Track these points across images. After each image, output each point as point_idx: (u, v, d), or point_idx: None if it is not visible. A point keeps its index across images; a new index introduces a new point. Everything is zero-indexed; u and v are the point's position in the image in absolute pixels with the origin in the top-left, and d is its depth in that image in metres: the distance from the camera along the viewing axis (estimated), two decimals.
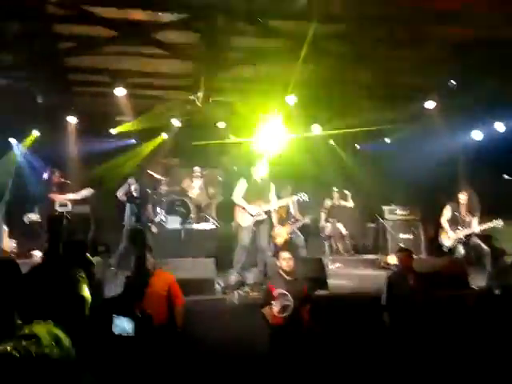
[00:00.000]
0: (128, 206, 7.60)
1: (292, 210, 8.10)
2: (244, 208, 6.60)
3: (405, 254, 5.20)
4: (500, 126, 8.20)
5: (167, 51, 6.92)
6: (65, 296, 2.86)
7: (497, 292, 3.69)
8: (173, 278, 4.62)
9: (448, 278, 5.85)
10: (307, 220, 8.16)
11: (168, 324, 4.35)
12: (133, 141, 9.51)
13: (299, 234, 8.01)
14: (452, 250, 6.98)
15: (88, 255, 3.97)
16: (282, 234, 7.66)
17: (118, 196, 7.68)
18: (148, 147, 9.53)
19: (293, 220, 8.04)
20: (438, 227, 7.36)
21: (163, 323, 4.30)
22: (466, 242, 6.87)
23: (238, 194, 6.70)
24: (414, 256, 5.52)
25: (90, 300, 2.42)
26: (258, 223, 6.68)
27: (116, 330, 3.03)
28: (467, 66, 7.17)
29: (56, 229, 6.64)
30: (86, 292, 2.54)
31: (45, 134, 8.79)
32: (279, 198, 7.46)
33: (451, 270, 6.27)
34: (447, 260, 6.88)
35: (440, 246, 7.19)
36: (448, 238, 6.97)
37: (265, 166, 6.80)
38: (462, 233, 6.85)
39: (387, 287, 5.04)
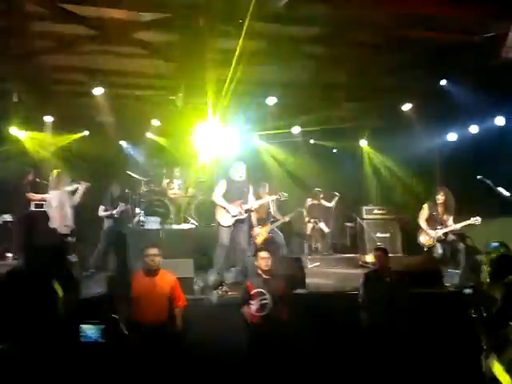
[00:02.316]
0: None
1: (271, 210, 8.15)
2: (224, 208, 6.63)
3: (381, 252, 5.28)
4: (474, 129, 8.42)
5: (147, 50, 6.90)
6: (39, 297, 2.87)
7: (467, 291, 3.79)
8: (175, 278, 4.62)
9: (422, 276, 5.97)
10: (287, 219, 8.23)
11: (167, 324, 4.38)
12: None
13: (279, 232, 8.08)
14: (430, 249, 7.12)
15: (65, 258, 3.93)
16: (261, 233, 7.72)
17: (100, 215, 7.63)
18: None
19: (272, 220, 8.10)
20: (416, 226, 7.49)
21: (163, 323, 4.34)
22: (444, 239, 7.02)
23: (218, 194, 6.74)
24: (390, 254, 5.63)
25: (62, 300, 2.44)
26: (237, 223, 6.71)
27: (83, 338, 3.05)
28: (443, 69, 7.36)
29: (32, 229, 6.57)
30: (59, 292, 2.56)
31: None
32: (258, 196, 7.51)
33: (426, 267, 6.41)
34: (422, 258, 7.02)
35: (418, 244, 7.32)
36: (427, 237, 7.10)
37: (243, 166, 6.84)
38: (441, 231, 7.00)
39: (364, 285, 5.13)
